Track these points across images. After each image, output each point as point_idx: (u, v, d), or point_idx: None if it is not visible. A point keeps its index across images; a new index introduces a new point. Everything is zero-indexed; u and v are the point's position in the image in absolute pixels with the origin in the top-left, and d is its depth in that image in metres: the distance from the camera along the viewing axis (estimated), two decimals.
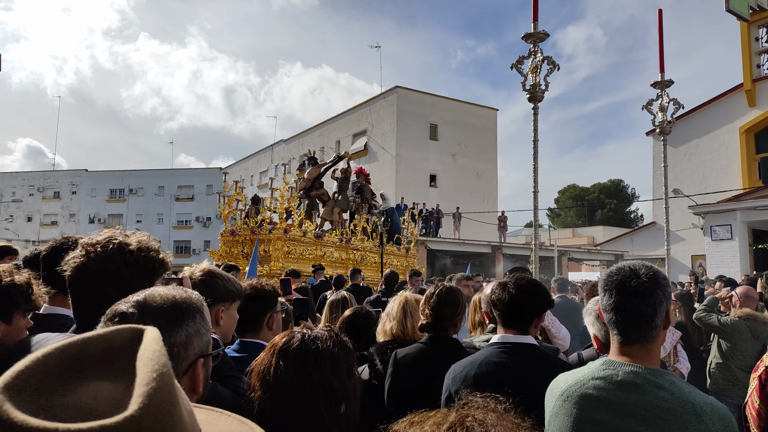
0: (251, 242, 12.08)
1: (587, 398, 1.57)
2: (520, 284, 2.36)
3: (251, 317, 2.43)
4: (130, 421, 0.56)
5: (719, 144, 25.52)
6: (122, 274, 1.62)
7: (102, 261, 1.62)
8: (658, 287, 1.61)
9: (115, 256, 1.63)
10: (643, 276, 1.61)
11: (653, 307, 1.59)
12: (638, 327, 1.60)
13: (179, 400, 0.65)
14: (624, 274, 1.63)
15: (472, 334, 3.69)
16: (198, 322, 1.23)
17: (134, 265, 1.64)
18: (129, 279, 1.60)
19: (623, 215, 55.82)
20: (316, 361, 1.58)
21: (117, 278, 1.60)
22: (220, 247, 13.19)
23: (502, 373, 2.19)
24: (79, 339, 0.66)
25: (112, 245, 1.64)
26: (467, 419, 0.96)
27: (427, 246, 25.93)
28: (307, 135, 43.49)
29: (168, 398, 0.62)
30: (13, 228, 52.41)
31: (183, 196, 55.46)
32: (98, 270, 1.61)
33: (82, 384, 0.62)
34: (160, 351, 0.66)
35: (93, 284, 1.61)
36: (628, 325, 1.61)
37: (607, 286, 1.66)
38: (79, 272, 1.62)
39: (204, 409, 0.89)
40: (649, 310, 1.59)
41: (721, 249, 20.73)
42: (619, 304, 1.61)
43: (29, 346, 1.72)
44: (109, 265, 1.61)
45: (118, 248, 1.64)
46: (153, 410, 0.58)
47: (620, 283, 1.62)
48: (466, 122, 37.31)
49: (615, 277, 1.65)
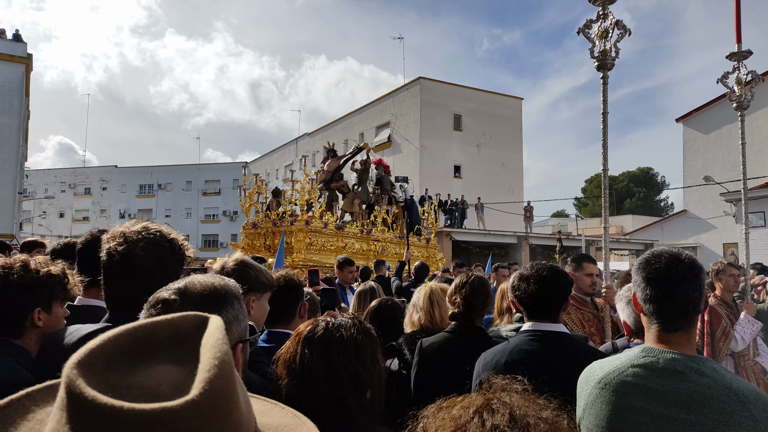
0: (273, 234, 12.21)
1: (627, 386, 1.55)
2: (542, 275, 2.32)
3: (283, 308, 2.46)
4: (191, 405, 0.58)
5: (752, 129, 24.87)
6: (170, 259, 1.71)
7: (153, 247, 1.69)
8: (702, 271, 1.61)
9: (163, 243, 1.72)
10: (686, 260, 1.60)
11: (699, 291, 1.59)
12: (685, 313, 1.58)
13: (238, 387, 0.67)
14: (667, 260, 1.61)
15: (498, 321, 3.67)
16: (236, 308, 1.26)
17: (178, 252, 1.74)
18: (173, 265, 1.70)
19: (653, 204, 54.87)
20: (341, 348, 1.59)
21: (166, 263, 1.69)
22: (242, 240, 13.30)
23: (533, 360, 2.17)
24: (148, 322, 0.68)
25: (158, 233, 1.73)
26: (492, 402, 0.97)
27: (452, 237, 25.84)
28: (330, 128, 43.59)
29: (227, 385, 0.63)
30: (46, 224, 53.71)
31: (210, 190, 56.17)
32: (148, 255, 1.67)
33: (148, 366, 0.64)
34: (222, 339, 0.67)
35: (144, 268, 1.66)
36: (675, 311, 1.59)
37: (649, 274, 1.62)
38: (128, 259, 1.67)
39: (260, 399, 0.90)
40: (696, 294, 1.58)
41: (754, 236, 20.25)
42: (667, 291, 1.59)
43: (64, 336, 1.75)
44: (160, 251, 1.69)
45: (162, 236, 1.73)
46: (213, 396, 0.60)
47: (665, 270, 1.60)
48: (491, 112, 36.98)
49: (657, 264, 1.62)
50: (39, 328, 1.91)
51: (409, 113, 35.52)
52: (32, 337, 1.89)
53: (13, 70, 28.07)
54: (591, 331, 3.66)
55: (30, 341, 1.89)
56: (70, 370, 0.59)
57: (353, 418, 1.54)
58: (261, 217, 12.87)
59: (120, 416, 0.55)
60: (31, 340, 1.89)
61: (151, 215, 53.71)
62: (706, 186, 24.11)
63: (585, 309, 3.79)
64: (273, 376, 1.78)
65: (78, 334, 1.70)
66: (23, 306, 1.87)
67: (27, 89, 29.64)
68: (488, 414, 0.94)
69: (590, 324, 3.73)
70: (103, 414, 0.55)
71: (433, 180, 32.06)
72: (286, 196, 13.10)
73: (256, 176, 13.40)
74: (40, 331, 1.91)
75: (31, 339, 1.89)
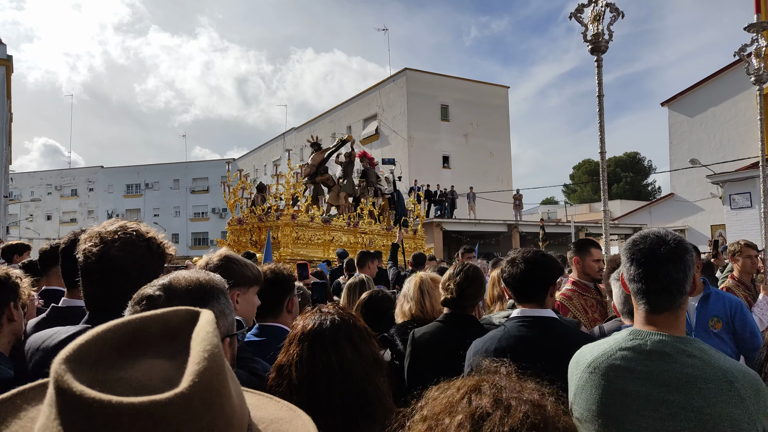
0: (259, 230, 12.14)
1: (615, 369, 1.56)
2: (528, 257, 2.36)
3: (271, 301, 2.45)
4: (180, 398, 0.58)
5: (736, 112, 25.06)
6: (147, 259, 1.68)
7: (128, 247, 1.66)
8: (687, 252, 1.60)
9: (140, 242, 1.69)
10: (671, 242, 1.60)
11: (684, 272, 1.58)
12: (670, 294, 1.58)
13: (229, 380, 0.67)
14: (651, 241, 1.61)
15: (491, 308, 3.68)
16: (222, 302, 1.26)
17: (156, 251, 1.72)
18: (151, 265, 1.67)
19: (640, 188, 55.25)
20: (362, 337, 1.63)
21: (143, 263, 1.66)
22: (228, 236, 13.16)
23: (523, 346, 2.20)
24: (138, 318, 0.68)
25: (134, 233, 1.70)
26: (482, 384, 1.00)
27: (442, 227, 25.90)
28: (318, 122, 43.45)
29: (218, 378, 0.63)
30: (33, 227, 53.23)
31: (198, 188, 55.91)
32: (124, 255, 1.65)
33: (137, 360, 0.64)
34: (213, 332, 0.67)
35: (117, 272, 1.64)
36: (659, 292, 1.58)
37: (634, 255, 1.63)
38: (101, 261, 1.64)
39: (254, 393, 0.90)
40: (680, 276, 1.57)
41: (741, 217, 20.45)
42: (650, 272, 1.59)
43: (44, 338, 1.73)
44: (137, 250, 1.67)
45: (139, 236, 1.70)
46: (203, 388, 0.60)
47: (649, 251, 1.60)
48: (478, 101, 37.01)
49: (642, 245, 1.62)
50: (11, 325, 1.92)
51: (396, 105, 35.48)
52: (5, 337, 1.91)
53: None
54: (595, 317, 3.66)
55: (3, 341, 1.90)
56: (59, 365, 0.59)
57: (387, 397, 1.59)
58: (246, 212, 12.75)
59: (109, 410, 0.55)
60: (4, 340, 1.90)
61: (140, 215, 53.38)
62: (693, 169, 24.31)
63: (588, 295, 3.79)
64: (260, 372, 1.78)
65: (58, 336, 1.68)
66: None
67: (9, 91, 29.27)
68: (476, 396, 0.97)
69: (594, 310, 3.73)
70: (91, 408, 0.55)
71: (422, 171, 32.08)
72: (271, 191, 13.00)
73: (239, 171, 13.26)
74: (12, 328, 1.93)
75: (4, 339, 1.90)
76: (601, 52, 4.68)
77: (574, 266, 3.90)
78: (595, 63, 4.69)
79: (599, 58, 4.69)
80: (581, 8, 4.77)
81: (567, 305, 3.68)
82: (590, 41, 4.68)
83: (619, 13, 4.68)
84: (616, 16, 4.68)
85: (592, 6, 4.72)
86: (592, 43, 4.68)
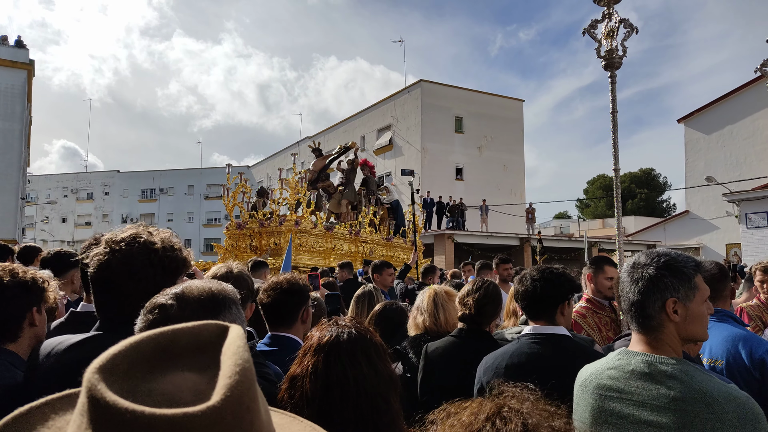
0: (260, 235, 11.87)
1: (601, 388, 1.59)
2: (539, 274, 2.37)
3: (287, 311, 2.46)
4: (212, 411, 0.58)
5: (754, 129, 24.83)
6: (147, 273, 1.61)
7: (127, 260, 1.60)
8: (664, 278, 1.57)
9: (140, 255, 1.62)
10: (645, 264, 1.61)
11: (641, 294, 1.59)
12: (633, 317, 1.63)
13: (258, 396, 0.67)
14: (631, 264, 1.66)
15: (506, 323, 3.67)
16: (234, 313, 1.27)
17: (159, 265, 1.63)
18: (153, 278, 1.60)
19: (655, 205, 54.76)
20: (378, 353, 1.58)
21: (141, 278, 1.60)
22: (225, 241, 12.79)
23: (533, 364, 2.19)
24: (170, 330, 0.69)
25: (138, 244, 1.63)
26: (504, 409, 0.98)
27: (454, 239, 25.82)
28: (332, 131, 43.56)
29: (249, 392, 0.63)
30: (48, 229, 53.75)
31: (212, 194, 56.17)
32: (122, 270, 1.60)
33: (168, 373, 0.65)
34: (243, 347, 0.67)
35: (115, 283, 1.61)
36: (631, 314, 1.64)
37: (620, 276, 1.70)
38: (103, 270, 1.62)
39: (278, 412, 0.90)
40: (638, 298, 1.60)
41: (757, 237, 20.19)
42: (623, 294, 1.65)
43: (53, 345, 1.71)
44: (135, 264, 1.61)
45: (143, 247, 1.63)
46: (234, 403, 0.60)
47: (624, 273, 1.66)
48: (492, 114, 36.97)
49: (626, 267, 1.68)
50: (33, 329, 1.93)
51: (411, 116, 35.52)
52: (26, 341, 1.92)
53: (16, 76, 28.20)
54: (609, 336, 3.60)
55: (24, 345, 1.91)
56: (92, 374, 0.59)
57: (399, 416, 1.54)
58: (246, 217, 12.42)
59: (141, 421, 0.56)
60: (24, 344, 1.92)
61: (154, 220, 53.74)
62: (709, 187, 24.08)
63: (602, 313, 3.73)
64: (271, 377, 1.78)
65: (66, 342, 1.67)
66: (22, 307, 1.90)
67: (29, 95, 29.74)
68: (501, 422, 0.95)
69: (608, 328, 3.68)
70: (124, 418, 0.56)
71: (435, 182, 32.05)
72: (273, 195, 12.70)
73: (240, 175, 12.86)
74: (33, 332, 1.94)
75: (24, 343, 1.92)
76: (615, 68, 4.65)
77: (588, 283, 3.87)
78: (609, 79, 4.67)
79: (613, 74, 4.66)
80: (595, 24, 4.74)
81: (581, 323, 3.65)
82: (604, 57, 4.66)
83: (633, 29, 4.63)
84: (630, 31, 4.64)
85: (606, 22, 4.69)
86: (606, 59, 4.66)
